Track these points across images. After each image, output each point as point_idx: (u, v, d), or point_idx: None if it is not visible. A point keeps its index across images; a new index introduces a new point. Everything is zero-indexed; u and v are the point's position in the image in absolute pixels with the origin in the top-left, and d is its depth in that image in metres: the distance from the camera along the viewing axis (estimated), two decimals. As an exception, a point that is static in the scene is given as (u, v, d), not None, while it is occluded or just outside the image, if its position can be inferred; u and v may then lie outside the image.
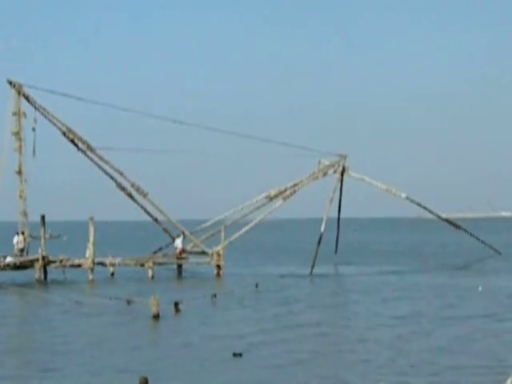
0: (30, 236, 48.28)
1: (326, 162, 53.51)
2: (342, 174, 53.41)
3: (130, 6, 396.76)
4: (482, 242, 61.31)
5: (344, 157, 53.67)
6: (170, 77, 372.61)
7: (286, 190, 53.39)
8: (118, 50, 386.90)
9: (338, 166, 53.34)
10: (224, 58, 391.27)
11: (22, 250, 47.75)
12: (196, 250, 52.00)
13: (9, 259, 46.86)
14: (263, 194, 53.89)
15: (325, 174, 53.83)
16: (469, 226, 71.32)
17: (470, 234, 60.35)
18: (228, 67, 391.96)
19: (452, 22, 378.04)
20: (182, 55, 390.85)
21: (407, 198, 56.53)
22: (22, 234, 47.82)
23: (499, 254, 61.55)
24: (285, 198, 53.41)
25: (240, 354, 22.08)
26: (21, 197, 47.60)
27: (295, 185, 53.36)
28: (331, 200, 54.12)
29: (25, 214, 48.33)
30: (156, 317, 30.68)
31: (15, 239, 47.99)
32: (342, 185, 54.03)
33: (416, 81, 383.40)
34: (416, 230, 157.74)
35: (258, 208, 54.82)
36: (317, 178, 53.76)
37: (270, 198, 53.75)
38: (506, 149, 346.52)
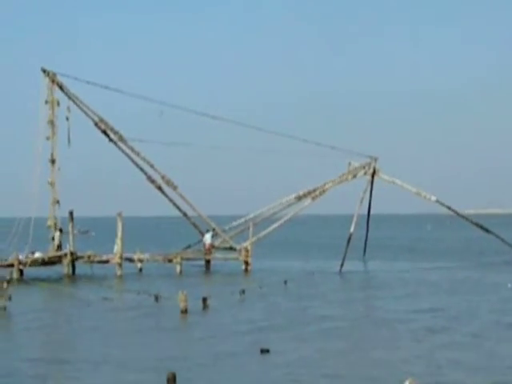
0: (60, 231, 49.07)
1: (356, 164, 54.14)
2: (372, 176, 53.82)
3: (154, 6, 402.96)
4: (509, 245, 60.26)
5: (375, 159, 54.09)
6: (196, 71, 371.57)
7: (315, 191, 54.43)
8: (151, 45, 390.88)
9: (369, 168, 53.74)
10: (245, 56, 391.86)
11: (59, 246, 48.79)
12: (224, 245, 52.81)
13: (37, 254, 47.59)
14: (293, 195, 54.96)
15: (354, 176, 54.49)
16: (496, 222, 70.64)
17: (496, 236, 59.94)
18: (251, 66, 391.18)
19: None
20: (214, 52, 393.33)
21: (437, 201, 56.87)
22: (60, 231, 48.92)
23: None
24: (314, 198, 54.49)
25: (267, 350, 22.22)
26: (52, 185, 48.49)
27: (324, 185, 54.38)
28: (362, 200, 54.64)
29: (56, 202, 49.18)
30: (184, 312, 30.92)
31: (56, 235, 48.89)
32: (372, 186, 54.55)
33: (427, 81, 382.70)
34: (441, 226, 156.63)
35: (289, 206, 55.69)
36: (346, 179, 54.54)
37: (299, 198, 54.69)
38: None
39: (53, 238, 48.79)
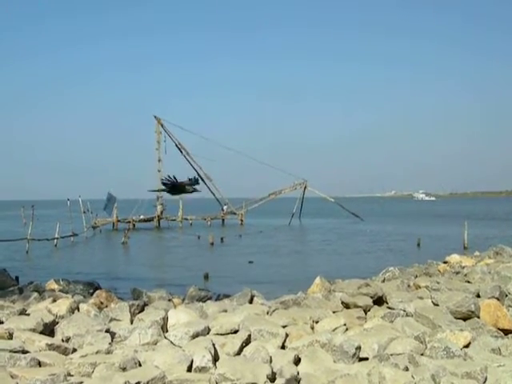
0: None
1: (297, 182, 58.43)
2: (304, 188, 58.23)
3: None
4: (353, 213, 58.81)
5: (306, 180, 58.70)
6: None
7: (275, 192, 58.24)
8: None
9: (303, 185, 58.12)
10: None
11: (161, 212, 51.06)
12: (231, 211, 54.61)
13: (142, 216, 49.79)
14: (268, 193, 58.79)
15: (296, 188, 58.43)
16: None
17: (345, 209, 59.14)
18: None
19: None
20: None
21: (335, 202, 60.97)
22: (161, 204, 50.81)
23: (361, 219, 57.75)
24: (276, 194, 58.38)
25: (252, 262, 23.67)
26: (159, 171, 50.33)
27: (283, 190, 58.25)
28: (300, 198, 58.44)
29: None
30: (212, 244, 32.62)
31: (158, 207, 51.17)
32: (304, 194, 58.83)
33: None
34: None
35: (263, 198, 58.43)
36: (294, 189, 58.34)
37: (269, 195, 58.43)
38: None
39: (156, 207, 50.85)
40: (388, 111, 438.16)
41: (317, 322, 8.84)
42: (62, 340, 8.09)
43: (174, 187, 7.73)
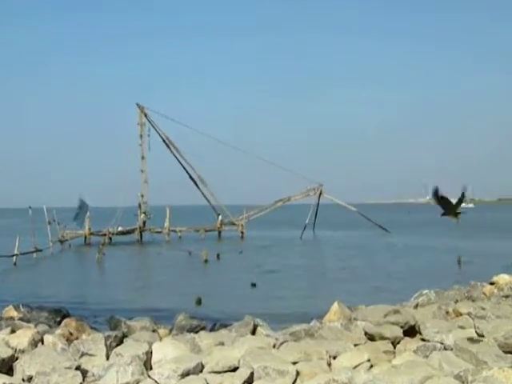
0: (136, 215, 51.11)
1: (309, 187, 58.13)
2: (319, 194, 58.06)
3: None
4: (379, 225, 59.59)
5: (321, 184, 58.21)
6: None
7: (286, 199, 58.50)
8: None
9: (318, 190, 57.83)
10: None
11: (144, 222, 51.29)
12: (229, 221, 54.63)
13: (120, 228, 49.83)
14: (275, 200, 58.88)
15: (309, 194, 58.32)
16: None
17: (366, 218, 59.44)
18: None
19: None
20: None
21: (357, 211, 60.25)
22: (144, 213, 50.90)
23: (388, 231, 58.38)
24: (284, 202, 58.76)
25: (255, 285, 23.72)
26: (142, 171, 51.07)
27: (293, 196, 58.17)
28: (315, 206, 58.18)
29: (146, 183, 51.22)
30: (206, 261, 33.15)
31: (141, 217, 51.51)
32: (318, 201, 58.62)
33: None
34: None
35: (269, 205, 58.72)
36: (307, 195, 58.28)
37: (277, 201, 58.71)
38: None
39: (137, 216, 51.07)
40: (422, 100, 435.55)
41: (334, 358, 8.90)
42: (23, 379, 8.10)
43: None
